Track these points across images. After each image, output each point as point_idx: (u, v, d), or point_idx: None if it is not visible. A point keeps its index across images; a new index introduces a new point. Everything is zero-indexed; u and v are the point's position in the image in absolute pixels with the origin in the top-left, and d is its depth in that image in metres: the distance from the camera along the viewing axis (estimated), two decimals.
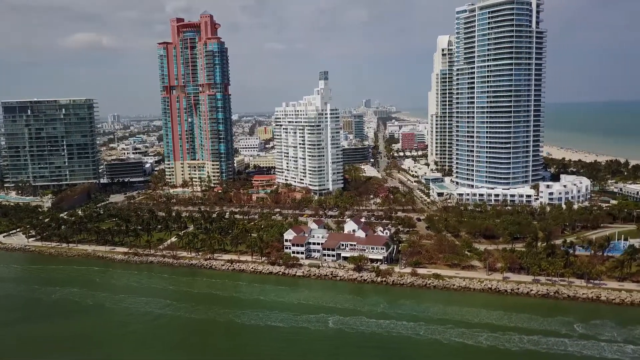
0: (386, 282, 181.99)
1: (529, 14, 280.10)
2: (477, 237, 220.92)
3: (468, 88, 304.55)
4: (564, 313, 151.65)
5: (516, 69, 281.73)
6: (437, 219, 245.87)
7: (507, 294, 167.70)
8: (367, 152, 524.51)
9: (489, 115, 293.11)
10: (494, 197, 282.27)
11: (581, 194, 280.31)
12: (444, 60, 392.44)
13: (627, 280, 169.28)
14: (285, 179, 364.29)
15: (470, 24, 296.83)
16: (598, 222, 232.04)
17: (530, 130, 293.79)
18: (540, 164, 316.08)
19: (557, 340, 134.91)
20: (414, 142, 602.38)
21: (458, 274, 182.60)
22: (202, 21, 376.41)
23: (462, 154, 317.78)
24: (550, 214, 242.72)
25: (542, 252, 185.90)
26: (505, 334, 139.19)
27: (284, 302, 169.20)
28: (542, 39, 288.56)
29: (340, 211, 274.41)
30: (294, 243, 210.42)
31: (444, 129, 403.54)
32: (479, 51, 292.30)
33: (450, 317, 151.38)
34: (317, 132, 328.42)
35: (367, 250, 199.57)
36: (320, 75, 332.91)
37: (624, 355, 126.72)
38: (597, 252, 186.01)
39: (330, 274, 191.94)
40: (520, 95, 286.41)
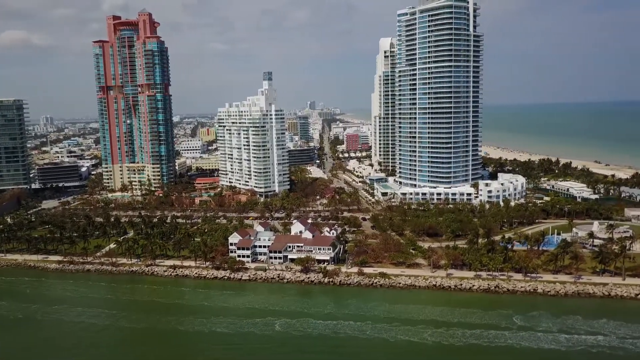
0: (333, 283, 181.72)
1: (466, 18, 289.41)
2: (421, 235, 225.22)
3: (410, 89, 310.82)
4: (504, 306, 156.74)
5: (455, 71, 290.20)
6: (382, 218, 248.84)
7: (451, 290, 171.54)
8: (312, 153, 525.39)
9: (431, 116, 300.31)
10: (436, 196, 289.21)
11: (517, 192, 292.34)
12: (386, 62, 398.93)
13: (560, 273, 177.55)
14: (229, 182, 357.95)
15: (411, 26, 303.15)
16: (533, 218, 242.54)
17: (469, 131, 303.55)
18: (479, 163, 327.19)
19: (498, 333, 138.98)
20: (359, 143, 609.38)
21: (404, 272, 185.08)
22: (140, 19, 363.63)
23: (404, 154, 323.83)
24: (490, 212, 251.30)
25: (483, 248, 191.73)
26: (449, 329, 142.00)
27: (229, 307, 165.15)
28: (479, 42, 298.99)
29: (287, 213, 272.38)
30: (239, 246, 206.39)
31: (387, 130, 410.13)
32: (420, 53, 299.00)
33: (396, 315, 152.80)
34: (262, 133, 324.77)
35: (314, 251, 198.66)
36: (264, 76, 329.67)
37: (558, 344, 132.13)
38: (533, 247, 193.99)
39: (277, 276, 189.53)
40: (460, 97, 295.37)
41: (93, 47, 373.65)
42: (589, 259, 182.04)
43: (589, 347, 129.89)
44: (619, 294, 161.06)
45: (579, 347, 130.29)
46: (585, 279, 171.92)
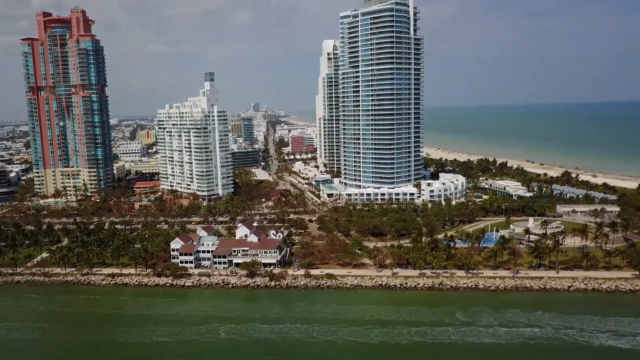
0: (280, 286, 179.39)
1: (407, 22, 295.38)
2: (367, 235, 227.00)
3: (353, 91, 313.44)
4: (447, 303, 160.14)
5: (397, 74, 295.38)
6: (328, 219, 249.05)
7: (397, 289, 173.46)
8: (257, 155, 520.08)
9: (374, 118, 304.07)
10: (380, 196, 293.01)
11: (458, 191, 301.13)
12: (329, 65, 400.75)
13: (500, 268, 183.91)
14: (170, 185, 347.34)
15: (354, 29, 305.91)
16: (473, 216, 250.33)
17: (411, 132, 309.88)
18: (421, 164, 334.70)
19: (442, 329, 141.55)
20: (304, 145, 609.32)
21: (350, 272, 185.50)
22: (73, 16, 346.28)
23: (349, 155, 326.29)
24: (432, 211, 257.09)
25: (427, 246, 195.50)
26: (395, 328, 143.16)
27: (172, 315, 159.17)
28: (419, 45, 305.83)
29: (231, 216, 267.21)
30: (181, 252, 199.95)
31: (331, 132, 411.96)
32: (363, 56, 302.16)
33: (343, 316, 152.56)
34: (204, 134, 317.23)
35: (260, 255, 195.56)
36: (206, 77, 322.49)
37: (499, 338, 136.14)
38: (474, 244, 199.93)
39: (222, 282, 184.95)
40: (402, 99, 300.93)
41: (21, 45, 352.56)
42: (525, 254, 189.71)
43: (527, 339, 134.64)
44: (553, 287, 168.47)
45: (518, 339, 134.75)
46: (523, 273, 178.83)
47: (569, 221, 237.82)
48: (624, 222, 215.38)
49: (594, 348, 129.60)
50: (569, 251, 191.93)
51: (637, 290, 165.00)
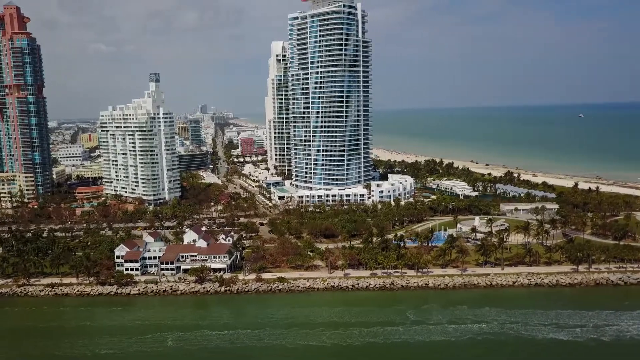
0: (230, 291, 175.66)
1: (355, 24, 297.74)
2: (318, 237, 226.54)
3: (303, 93, 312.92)
4: (398, 303, 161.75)
5: (346, 76, 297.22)
6: (280, 222, 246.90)
7: (349, 290, 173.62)
8: (205, 158, 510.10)
9: (324, 120, 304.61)
10: (331, 198, 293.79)
11: (406, 191, 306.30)
12: (278, 66, 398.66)
13: (449, 267, 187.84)
14: (114, 190, 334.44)
15: (303, 31, 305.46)
16: (422, 215, 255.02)
17: (360, 134, 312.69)
18: (370, 165, 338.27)
19: (393, 329, 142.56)
20: (254, 147, 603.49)
21: (302, 275, 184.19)
22: (6, 13, 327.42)
23: (300, 157, 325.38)
24: (382, 211, 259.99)
25: (377, 247, 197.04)
26: (347, 329, 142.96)
27: (116, 325, 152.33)
28: (367, 48, 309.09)
29: (179, 221, 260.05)
30: (126, 259, 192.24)
31: (282, 134, 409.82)
32: (312, 57, 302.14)
33: (295, 319, 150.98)
34: (149, 137, 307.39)
35: (210, 260, 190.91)
36: (151, 78, 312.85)
37: (448, 335, 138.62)
38: (423, 243, 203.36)
39: (170, 288, 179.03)
40: (351, 101, 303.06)
41: None
42: (472, 252, 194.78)
43: (474, 335, 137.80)
44: (499, 283, 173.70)
45: (466, 336, 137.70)
46: (470, 271, 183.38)
47: (513, 219, 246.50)
48: (563, 218, 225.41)
49: (537, 341, 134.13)
50: (513, 248, 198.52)
51: (575, 283, 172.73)
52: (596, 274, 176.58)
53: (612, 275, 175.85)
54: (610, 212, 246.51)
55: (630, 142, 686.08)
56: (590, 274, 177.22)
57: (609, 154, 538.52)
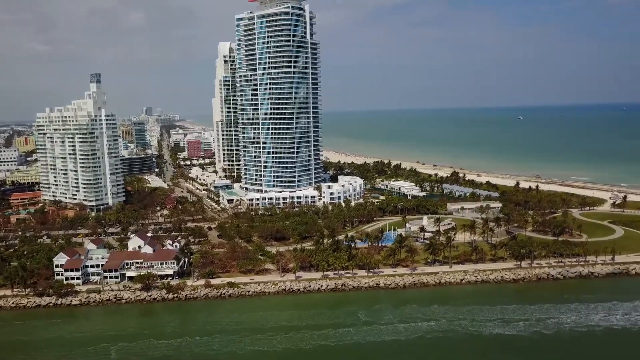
0: (178, 298, 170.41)
1: (303, 26, 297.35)
2: (269, 240, 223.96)
3: (251, 95, 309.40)
4: (350, 304, 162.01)
5: (295, 77, 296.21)
6: (229, 226, 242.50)
7: (300, 292, 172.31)
8: (151, 161, 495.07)
9: (273, 122, 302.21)
10: (282, 200, 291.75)
11: (356, 192, 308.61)
12: (226, 67, 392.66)
13: (398, 266, 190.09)
14: (53, 196, 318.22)
15: (250, 31, 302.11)
16: (372, 216, 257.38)
17: (310, 136, 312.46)
18: (321, 167, 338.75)
19: (344, 330, 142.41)
20: (201, 150, 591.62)
21: (253, 279, 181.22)
22: None
23: (249, 159, 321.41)
24: (333, 212, 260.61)
25: (329, 248, 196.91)
26: (298, 333, 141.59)
27: (56, 338, 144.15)
28: (316, 50, 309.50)
29: (123, 227, 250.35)
30: (67, 268, 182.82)
31: (230, 136, 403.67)
32: (260, 59, 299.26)
33: (245, 325, 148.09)
34: (90, 140, 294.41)
35: (156, 267, 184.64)
36: (92, 78, 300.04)
37: (398, 334, 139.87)
38: (373, 244, 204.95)
39: (114, 297, 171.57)
40: (300, 103, 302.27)
41: None
42: (421, 251, 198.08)
43: (424, 334, 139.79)
44: (447, 281, 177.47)
45: (416, 334, 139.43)
46: (420, 269, 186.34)
47: (459, 218, 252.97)
48: (506, 216, 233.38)
49: (484, 337, 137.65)
50: (460, 246, 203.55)
51: (519, 279, 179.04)
52: (538, 269, 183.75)
53: (552, 270, 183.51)
54: (549, 210, 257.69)
55: (565, 143, 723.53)
56: (532, 269, 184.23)
57: (546, 154, 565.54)
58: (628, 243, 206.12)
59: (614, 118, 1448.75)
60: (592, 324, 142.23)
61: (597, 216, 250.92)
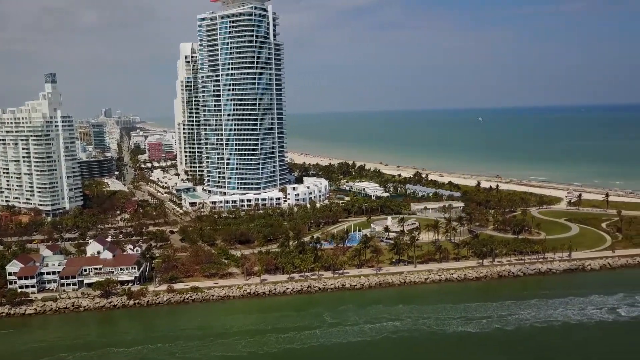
0: (140, 304, 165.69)
1: (266, 27, 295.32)
2: (233, 243, 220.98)
3: (214, 96, 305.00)
4: (315, 305, 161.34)
5: (259, 78, 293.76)
6: (192, 229, 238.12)
7: (266, 295, 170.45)
8: (110, 164, 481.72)
9: (237, 123, 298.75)
10: (246, 203, 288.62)
11: (322, 194, 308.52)
12: (188, 68, 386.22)
13: (364, 267, 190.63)
14: (6, 201, 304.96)
15: (213, 32, 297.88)
16: (337, 217, 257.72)
17: (275, 137, 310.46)
18: (285, 169, 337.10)
19: (310, 333, 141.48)
20: (162, 152, 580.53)
21: (217, 283, 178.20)
22: None
23: (212, 161, 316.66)
24: (298, 214, 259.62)
25: (294, 250, 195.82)
26: (263, 337, 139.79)
27: (7, 350, 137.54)
28: (279, 51, 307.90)
29: (81, 232, 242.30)
30: (20, 276, 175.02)
31: (192, 138, 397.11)
32: (223, 59, 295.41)
33: (210, 330, 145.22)
34: (45, 142, 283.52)
35: (116, 272, 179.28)
36: (47, 78, 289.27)
37: (364, 335, 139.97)
38: (339, 245, 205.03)
39: (72, 305, 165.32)
40: (264, 104, 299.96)
41: None
42: (386, 251, 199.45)
43: (390, 333, 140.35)
44: (412, 280, 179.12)
45: (382, 334, 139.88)
46: (385, 269, 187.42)
47: (423, 218, 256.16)
48: (468, 216, 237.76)
49: (448, 335, 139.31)
50: (424, 246, 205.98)
51: (481, 277, 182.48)
52: (499, 267, 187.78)
53: (512, 267, 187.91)
54: (509, 209, 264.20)
55: (523, 143, 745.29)
56: (494, 267, 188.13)
57: (505, 154, 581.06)
58: (583, 240, 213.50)
59: (571, 119, 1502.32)
60: (550, 319, 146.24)
61: (554, 214, 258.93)
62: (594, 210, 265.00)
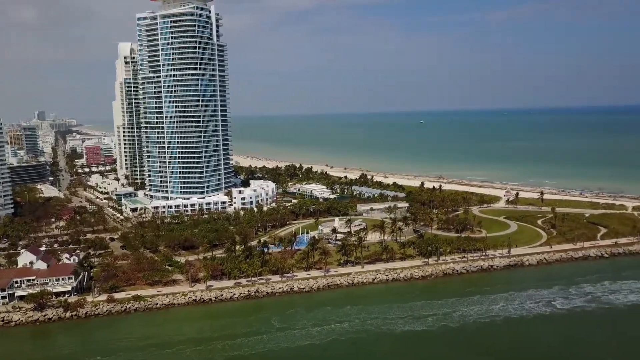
0: (78, 316, 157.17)
1: (209, 27, 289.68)
2: (177, 249, 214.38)
3: (155, 98, 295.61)
4: (263, 310, 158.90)
5: (202, 80, 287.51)
6: (133, 236, 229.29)
7: (212, 302, 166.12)
8: (44, 169, 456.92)
9: (179, 126, 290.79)
10: (190, 207, 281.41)
11: (269, 197, 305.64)
12: (127, 69, 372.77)
13: (312, 269, 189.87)
14: None
15: (153, 32, 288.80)
16: (285, 220, 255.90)
17: (219, 140, 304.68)
18: (231, 172, 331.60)
19: (258, 338, 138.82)
20: (101, 156, 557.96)
21: (160, 291, 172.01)
22: None
23: (154, 165, 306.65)
24: (244, 218, 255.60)
25: (241, 255, 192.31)
26: (209, 344, 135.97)
27: None
28: (223, 52, 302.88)
29: (12, 242, 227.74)
30: None
31: (133, 141, 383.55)
32: (164, 60, 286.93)
33: (153, 340, 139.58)
34: None
35: (51, 283, 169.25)
36: None
37: (312, 338, 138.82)
38: (287, 248, 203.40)
39: (1, 320, 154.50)
40: (208, 106, 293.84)
41: None
42: (334, 252, 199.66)
43: (338, 336, 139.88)
44: (360, 281, 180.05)
45: (330, 337, 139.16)
46: (333, 271, 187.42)
47: (369, 218, 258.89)
48: (413, 216, 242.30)
49: (395, 334, 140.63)
50: (371, 246, 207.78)
51: (427, 275, 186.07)
52: (444, 265, 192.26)
53: (456, 265, 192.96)
54: (451, 208, 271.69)
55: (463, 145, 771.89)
56: (439, 265, 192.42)
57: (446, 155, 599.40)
58: (521, 237, 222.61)
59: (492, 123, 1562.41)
60: (492, 314, 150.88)
61: (494, 213, 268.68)
62: (530, 208, 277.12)
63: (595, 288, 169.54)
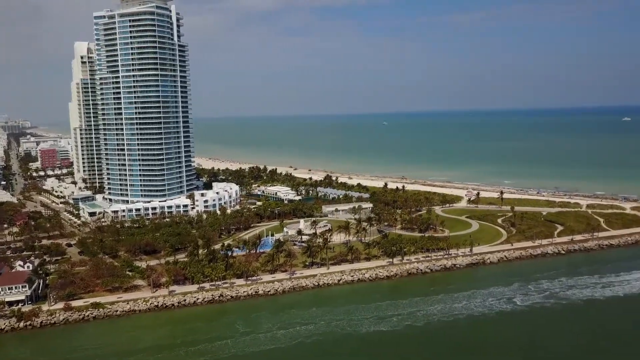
0: (32, 326, 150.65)
1: (170, 27, 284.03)
2: (138, 254, 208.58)
3: (114, 98, 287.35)
4: (227, 314, 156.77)
5: (162, 80, 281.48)
6: (91, 241, 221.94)
7: (175, 308, 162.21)
8: None
9: (139, 127, 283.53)
10: (151, 211, 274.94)
11: (232, 199, 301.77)
12: (84, 69, 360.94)
13: (277, 272, 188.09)
14: None
15: (111, 31, 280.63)
16: (249, 222, 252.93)
17: (181, 142, 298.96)
18: (193, 174, 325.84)
19: (222, 343, 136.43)
20: (57, 159, 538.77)
21: (121, 297, 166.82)
22: None
23: (113, 168, 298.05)
24: (207, 221, 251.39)
25: (204, 259, 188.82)
26: (172, 351, 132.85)
27: None
28: (184, 52, 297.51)
29: None
30: None
31: (90, 143, 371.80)
32: (123, 60, 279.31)
33: (112, 348, 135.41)
34: None
35: (3, 292, 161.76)
36: None
37: (278, 342, 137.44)
38: (251, 251, 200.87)
39: None
40: (169, 107, 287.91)
41: None
42: (299, 254, 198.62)
43: (304, 338, 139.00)
44: (325, 283, 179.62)
45: (296, 340, 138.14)
46: (298, 273, 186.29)
47: (334, 219, 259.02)
48: (377, 216, 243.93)
49: (361, 335, 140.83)
50: (336, 247, 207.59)
51: (391, 275, 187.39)
52: (408, 265, 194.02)
53: (420, 264, 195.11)
54: (415, 208, 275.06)
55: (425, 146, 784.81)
56: (403, 265, 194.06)
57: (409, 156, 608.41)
58: (482, 235, 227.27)
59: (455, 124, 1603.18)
60: (456, 313, 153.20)
61: (456, 212, 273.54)
62: (491, 207, 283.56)
63: (552, 284, 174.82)
